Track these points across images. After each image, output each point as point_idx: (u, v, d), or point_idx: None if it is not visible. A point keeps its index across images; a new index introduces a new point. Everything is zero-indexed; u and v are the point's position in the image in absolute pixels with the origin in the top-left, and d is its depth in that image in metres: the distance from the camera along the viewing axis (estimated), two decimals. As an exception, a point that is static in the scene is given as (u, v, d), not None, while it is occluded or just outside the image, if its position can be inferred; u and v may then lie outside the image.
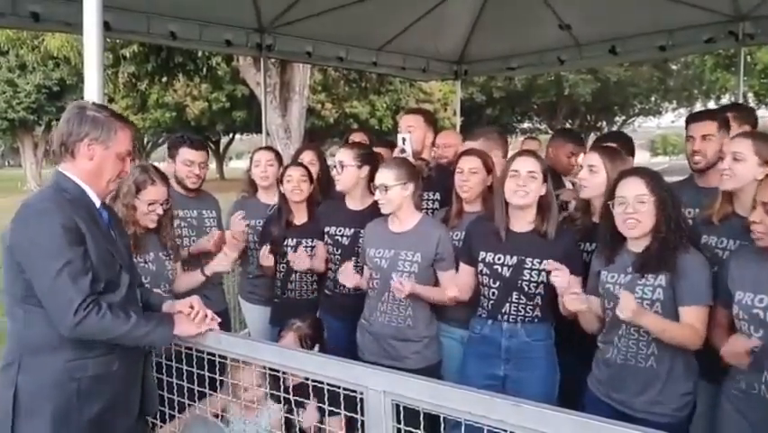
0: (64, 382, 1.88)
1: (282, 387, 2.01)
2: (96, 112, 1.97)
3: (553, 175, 3.03)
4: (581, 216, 2.74)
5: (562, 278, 2.33)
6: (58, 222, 1.81)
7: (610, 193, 2.33)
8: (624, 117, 27.64)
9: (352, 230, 3.09)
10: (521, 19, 5.60)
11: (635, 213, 2.21)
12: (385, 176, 2.73)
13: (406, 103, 19.41)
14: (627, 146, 3.21)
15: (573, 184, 3.34)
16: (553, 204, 2.58)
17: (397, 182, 2.71)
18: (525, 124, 27.27)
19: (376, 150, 3.66)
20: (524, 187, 2.51)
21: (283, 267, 3.32)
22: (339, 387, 1.73)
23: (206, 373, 2.11)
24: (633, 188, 2.23)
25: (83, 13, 2.03)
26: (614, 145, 2.91)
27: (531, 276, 2.51)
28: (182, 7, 4.82)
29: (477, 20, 5.93)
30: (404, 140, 3.33)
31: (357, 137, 4.19)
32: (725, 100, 19.69)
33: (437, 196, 3.34)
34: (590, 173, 2.61)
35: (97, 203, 2.01)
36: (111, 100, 11.27)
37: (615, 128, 24.92)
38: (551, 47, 6.05)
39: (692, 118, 2.94)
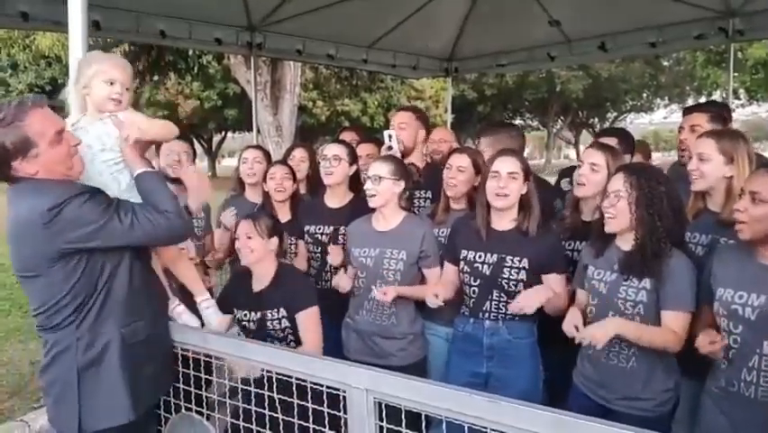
0: (123, 349, 1.93)
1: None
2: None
3: None
4: (571, 214, 2.75)
5: (529, 304, 2.32)
6: (67, 197, 1.79)
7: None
8: (616, 114, 27.72)
9: (331, 227, 3.10)
10: (511, 15, 5.61)
11: (610, 207, 2.22)
12: (380, 168, 2.75)
13: (398, 100, 19.40)
14: (627, 143, 3.23)
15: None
16: (535, 202, 2.57)
17: (391, 176, 2.74)
18: (517, 121, 27.32)
19: (365, 146, 3.67)
20: (504, 188, 2.51)
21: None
22: (322, 385, 1.73)
23: (192, 373, 2.11)
24: (613, 183, 2.25)
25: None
26: (612, 144, 2.92)
27: (510, 274, 2.51)
28: (171, 6, 4.81)
29: (467, 17, 5.94)
30: (390, 137, 3.34)
31: (348, 135, 4.20)
32: (716, 96, 19.80)
33: (429, 194, 3.35)
34: (592, 171, 2.60)
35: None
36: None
37: (607, 125, 25.03)
38: (541, 43, 6.06)
39: (687, 111, 3.03)
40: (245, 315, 2.66)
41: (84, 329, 1.88)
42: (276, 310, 2.58)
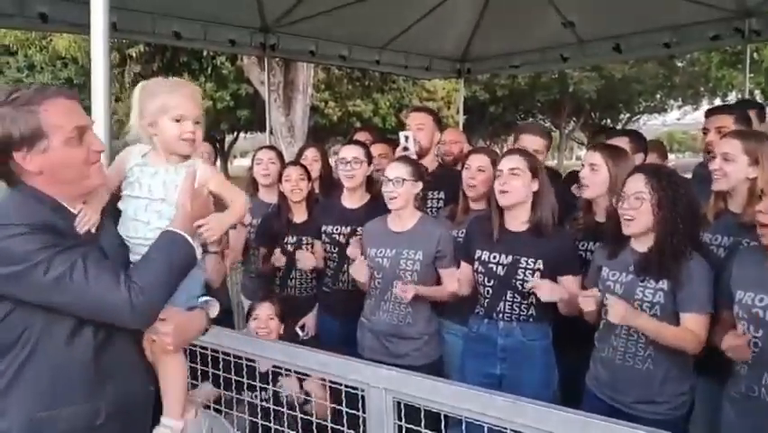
0: None
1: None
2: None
3: None
4: (584, 215, 2.74)
5: (545, 293, 2.34)
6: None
7: (616, 189, 2.34)
8: (629, 115, 27.49)
9: (349, 228, 3.11)
10: (524, 16, 5.60)
11: (630, 209, 2.21)
12: (401, 170, 2.76)
13: (410, 101, 19.38)
14: (639, 144, 3.22)
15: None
16: (547, 200, 2.56)
17: (411, 178, 2.75)
18: (529, 122, 27.20)
19: (378, 146, 3.69)
20: (504, 185, 2.52)
21: (283, 265, 3.35)
22: (341, 384, 1.74)
23: (199, 367, 2.12)
24: (633, 185, 2.23)
25: (90, 14, 2.04)
26: (615, 143, 2.92)
27: (525, 276, 2.50)
28: (187, 8, 4.86)
29: (480, 18, 5.93)
30: (406, 138, 3.34)
31: (362, 135, 4.22)
32: (731, 97, 19.58)
33: (441, 195, 3.36)
34: (592, 172, 2.61)
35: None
36: (117, 99, 11.33)
37: (619, 126, 24.84)
38: (554, 44, 6.05)
39: (710, 112, 3.02)
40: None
41: (0, 387, 1.44)
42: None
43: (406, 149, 3.32)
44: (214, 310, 1.80)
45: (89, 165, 1.52)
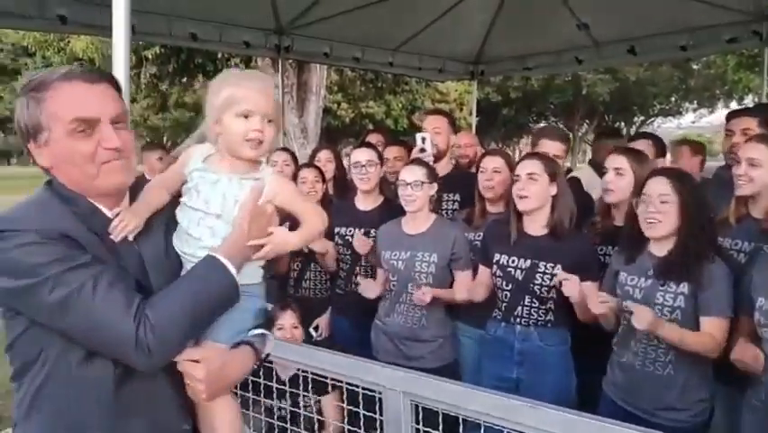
0: None
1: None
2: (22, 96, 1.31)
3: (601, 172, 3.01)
4: (602, 219, 2.73)
5: (571, 288, 2.32)
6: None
7: (638, 191, 2.32)
8: (643, 118, 27.27)
9: (362, 230, 3.12)
10: (538, 19, 5.58)
11: (657, 212, 2.19)
12: (418, 172, 2.77)
13: (422, 103, 19.37)
14: (658, 147, 3.20)
15: None
16: (566, 204, 2.55)
17: (427, 180, 2.76)
18: (542, 125, 27.12)
19: (393, 149, 3.69)
20: (522, 190, 2.51)
21: (297, 266, 3.36)
22: (358, 386, 1.73)
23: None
24: (657, 187, 2.21)
25: (111, 17, 2.06)
26: (638, 147, 2.91)
27: (543, 280, 2.49)
28: (203, 10, 4.90)
29: (493, 20, 5.91)
30: (423, 139, 3.33)
31: (374, 137, 4.22)
32: (748, 101, 19.37)
33: (456, 197, 3.36)
34: (617, 176, 2.59)
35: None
36: (133, 100, 11.45)
37: (633, 129, 24.67)
38: (568, 47, 6.02)
39: (733, 114, 3.00)
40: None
41: (23, 409, 1.30)
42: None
43: (423, 150, 3.31)
44: (269, 346, 1.51)
45: (98, 164, 1.29)
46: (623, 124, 26.46)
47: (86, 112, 1.27)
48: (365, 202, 3.22)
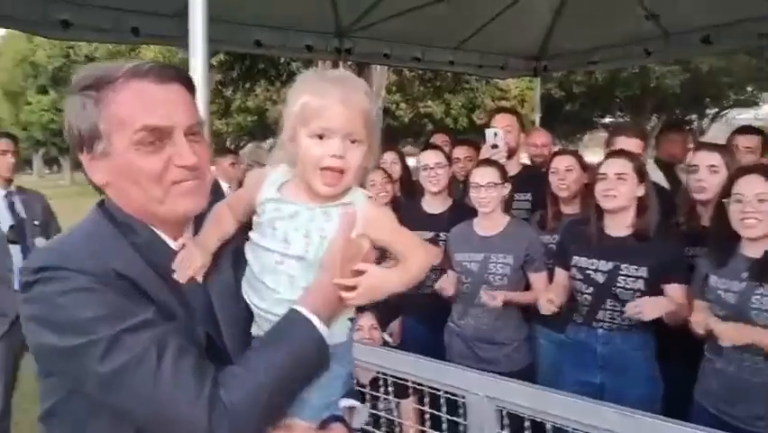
0: None
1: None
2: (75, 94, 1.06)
3: (667, 169, 2.91)
4: (687, 219, 2.62)
5: (646, 312, 2.21)
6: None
7: (725, 191, 2.21)
8: (716, 109, 25.97)
9: (431, 233, 3.09)
10: (604, 10, 5.39)
11: (755, 212, 2.08)
12: (492, 174, 2.74)
13: (482, 101, 19.17)
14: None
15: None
16: (653, 205, 2.46)
17: (500, 181, 2.73)
18: (607, 120, 26.24)
19: (462, 149, 3.66)
20: (611, 190, 2.43)
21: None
22: (439, 390, 1.70)
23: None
24: (753, 186, 2.10)
25: (182, 27, 2.13)
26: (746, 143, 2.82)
27: (627, 283, 2.40)
28: (267, 16, 5.02)
29: (558, 13, 5.78)
30: (495, 134, 3.26)
31: (439, 138, 4.21)
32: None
33: (528, 196, 3.30)
34: (711, 174, 2.48)
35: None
36: (198, 106, 11.94)
37: (706, 122, 23.54)
38: (636, 38, 5.79)
39: None
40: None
41: None
42: None
43: (495, 146, 3.24)
44: (360, 418, 1.26)
45: (167, 184, 1.04)
46: (695, 116, 25.29)
47: (157, 119, 1.03)
48: (433, 205, 3.19)
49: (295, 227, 1.11)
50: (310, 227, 1.10)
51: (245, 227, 1.18)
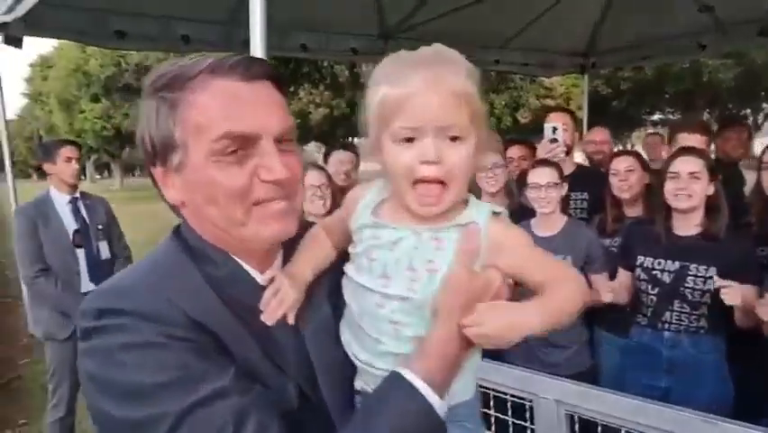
0: None
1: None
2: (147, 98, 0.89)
3: (727, 166, 2.81)
4: (759, 217, 2.52)
5: (732, 295, 2.13)
6: None
7: None
8: (773, 104, 24.91)
9: None
10: (655, 2, 5.25)
11: None
12: (551, 174, 2.69)
13: (526, 100, 18.92)
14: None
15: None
16: (723, 204, 2.38)
17: (558, 181, 2.70)
18: (657, 117, 25.51)
19: (517, 148, 3.60)
20: (684, 190, 2.35)
21: None
22: (506, 393, 1.68)
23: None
24: None
25: (230, 34, 2.19)
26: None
27: (695, 283, 2.33)
28: (312, 20, 5.07)
29: (605, 8, 5.65)
30: (554, 129, 3.20)
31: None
32: None
33: (585, 195, 3.23)
34: None
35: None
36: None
37: (761, 117, 22.64)
38: (688, 31, 5.60)
39: None
40: None
41: None
42: None
43: (554, 140, 3.18)
44: None
45: (249, 204, 0.86)
46: (749, 111, 24.35)
47: (241, 124, 0.84)
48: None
49: (396, 259, 0.87)
50: (414, 258, 0.86)
51: (346, 255, 0.96)
